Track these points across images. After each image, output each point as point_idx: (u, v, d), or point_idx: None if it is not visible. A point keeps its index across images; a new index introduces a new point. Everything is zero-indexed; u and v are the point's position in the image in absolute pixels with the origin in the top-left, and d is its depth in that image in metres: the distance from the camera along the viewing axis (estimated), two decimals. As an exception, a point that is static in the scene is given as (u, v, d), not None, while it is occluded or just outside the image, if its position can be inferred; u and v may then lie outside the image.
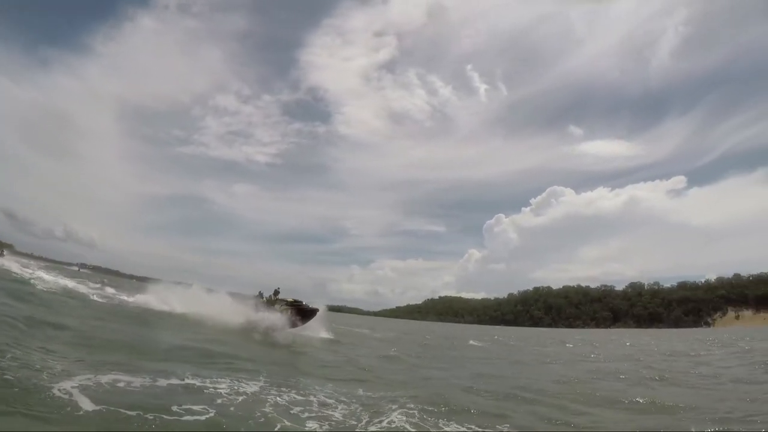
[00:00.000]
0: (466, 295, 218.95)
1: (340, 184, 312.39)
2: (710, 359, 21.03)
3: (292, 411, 7.36)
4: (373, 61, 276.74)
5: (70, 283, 29.83)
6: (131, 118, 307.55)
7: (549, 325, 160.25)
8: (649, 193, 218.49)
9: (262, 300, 24.51)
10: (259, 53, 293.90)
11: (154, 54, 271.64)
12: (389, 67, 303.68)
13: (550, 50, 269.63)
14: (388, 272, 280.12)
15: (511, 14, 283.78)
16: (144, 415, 5.95)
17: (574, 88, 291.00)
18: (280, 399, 7.97)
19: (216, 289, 27.87)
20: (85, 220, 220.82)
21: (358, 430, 6.85)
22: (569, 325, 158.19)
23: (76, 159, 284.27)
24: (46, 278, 28.67)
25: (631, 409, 9.60)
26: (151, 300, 26.08)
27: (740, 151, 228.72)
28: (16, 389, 6.10)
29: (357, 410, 7.86)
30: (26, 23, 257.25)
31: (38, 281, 25.62)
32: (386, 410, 7.88)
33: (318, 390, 9.16)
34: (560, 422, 8.35)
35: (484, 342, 36.39)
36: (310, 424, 6.80)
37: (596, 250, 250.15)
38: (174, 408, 6.45)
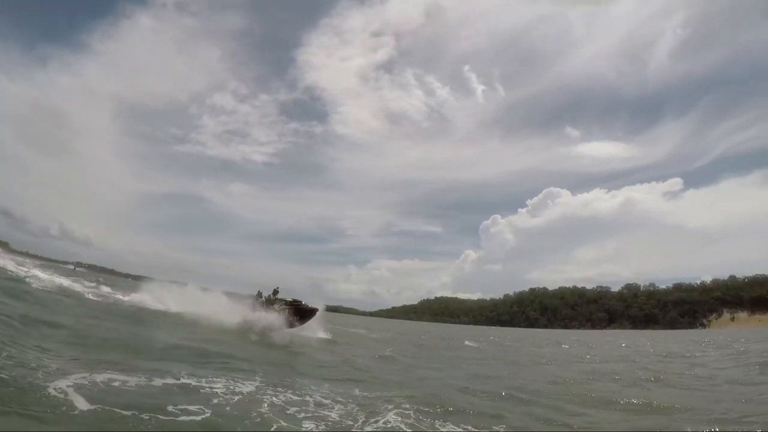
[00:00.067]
0: (462, 295, 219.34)
1: (336, 184, 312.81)
2: (705, 360, 21.14)
3: (288, 411, 7.35)
4: (370, 61, 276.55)
5: (66, 282, 29.63)
6: (128, 116, 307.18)
7: (545, 326, 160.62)
8: (645, 195, 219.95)
9: (261, 299, 24.34)
10: (257, 52, 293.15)
11: (152, 52, 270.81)
12: (387, 67, 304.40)
13: (548, 51, 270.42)
14: (384, 272, 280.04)
15: (510, 15, 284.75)
16: (139, 415, 5.93)
17: (572, 90, 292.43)
18: (276, 399, 7.96)
19: (212, 288, 27.72)
20: (81, 219, 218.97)
21: (354, 430, 6.85)
22: (565, 326, 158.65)
23: (73, 157, 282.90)
24: (42, 277, 28.44)
25: (627, 410, 9.65)
26: (146, 299, 25.93)
27: (736, 153, 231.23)
28: (11, 388, 6.07)
29: (353, 410, 7.86)
30: (24, 21, 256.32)
31: (33, 280, 25.39)
32: (382, 410, 7.88)
33: (314, 390, 9.16)
34: (556, 423, 8.38)
35: (480, 343, 36.44)
36: (307, 425, 6.79)
37: (592, 252, 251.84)
38: (170, 408, 6.42)
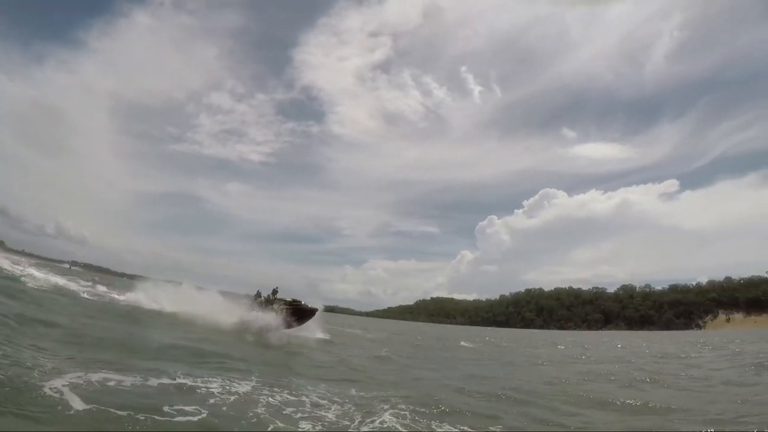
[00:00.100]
0: (458, 296, 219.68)
1: (333, 184, 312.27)
2: (701, 361, 21.23)
3: (284, 411, 7.34)
4: (367, 61, 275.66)
5: (61, 281, 29.47)
6: (125, 115, 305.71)
7: (541, 327, 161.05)
8: (641, 196, 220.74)
9: (261, 299, 24.25)
10: (254, 51, 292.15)
11: (149, 50, 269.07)
12: (384, 67, 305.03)
13: (545, 53, 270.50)
14: (380, 272, 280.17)
15: (507, 16, 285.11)
16: (135, 416, 5.91)
17: (569, 91, 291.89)
18: (273, 399, 7.95)
19: (207, 288, 27.45)
20: (77, 217, 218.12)
21: (350, 430, 6.85)
22: (561, 327, 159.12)
23: (69, 155, 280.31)
24: (37, 275, 28.28)
25: (623, 410, 9.69)
26: (141, 298, 25.81)
27: (733, 155, 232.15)
28: (7, 388, 6.04)
29: (350, 410, 7.86)
30: (21, 18, 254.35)
31: (29, 278, 25.25)
32: (378, 410, 7.89)
33: (311, 390, 9.15)
34: (552, 423, 8.41)
35: (476, 343, 36.45)
36: (303, 425, 6.79)
37: (588, 253, 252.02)
38: (165, 408, 6.40)
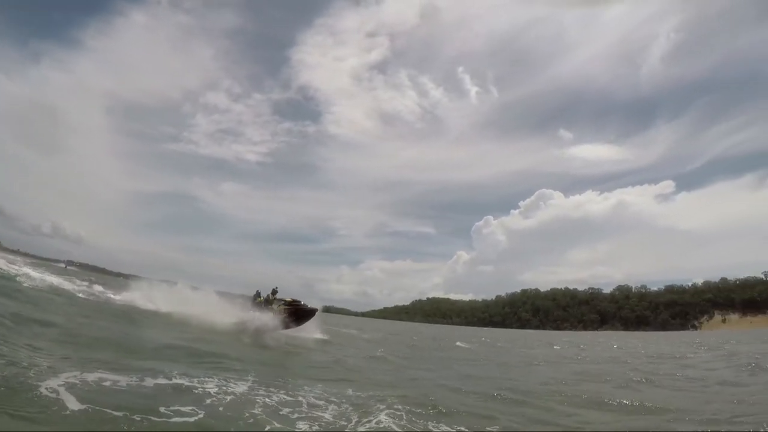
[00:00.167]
0: (454, 296, 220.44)
1: (329, 184, 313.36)
2: (697, 362, 21.34)
3: (281, 412, 7.33)
4: (364, 62, 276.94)
5: (57, 280, 29.27)
6: (121, 114, 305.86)
7: (536, 327, 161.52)
8: (637, 197, 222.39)
9: (260, 299, 24.17)
10: (251, 51, 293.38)
11: (146, 49, 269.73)
12: (381, 67, 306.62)
13: (542, 54, 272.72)
14: (376, 273, 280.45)
15: (504, 17, 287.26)
16: (131, 416, 5.89)
17: (565, 92, 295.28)
18: (269, 400, 7.94)
19: (202, 288, 27.21)
20: (73, 217, 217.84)
21: (347, 431, 6.85)
22: (557, 328, 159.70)
23: (65, 154, 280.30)
24: (33, 275, 28.09)
25: (619, 410, 9.72)
26: (136, 298, 25.74)
27: (728, 156, 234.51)
28: (2, 388, 6.02)
29: (346, 411, 7.86)
30: (17, 17, 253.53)
31: (25, 278, 25.08)
32: (374, 411, 7.89)
33: (307, 390, 9.14)
34: (548, 423, 8.44)
35: (472, 344, 36.45)
36: (300, 425, 6.78)
37: (584, 253, 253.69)
38: (162, 409, 6.37)
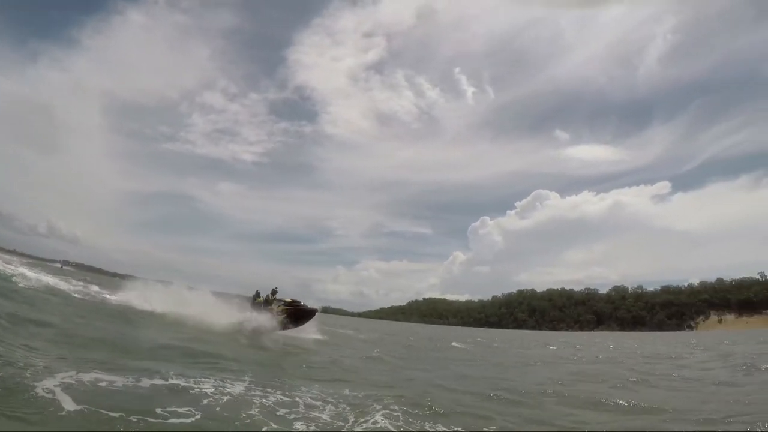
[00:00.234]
0: (451, 296, 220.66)
1: (326, 184, 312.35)
2: (693, 362, 21.42)
3: (278, 412, 7.33)
4: (361, 62, 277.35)
5: (53, 281, 29.12)
6: (118, 114, 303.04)
7: (533, 328, 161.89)
8: (633, 198, 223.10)
9: (259, 300, 24.11)
10: (248, 51, 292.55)
11: (142, 49, 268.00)
12: (377, 67, 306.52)
13: (539, 55, 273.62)
14: (373, 273, 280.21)
15: (501, 18, 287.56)
16: (127, 417, 5.87)
17: (562, 93, 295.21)
18: (266, 400, 7.94)
19: (199, 288, 27.11)
20: (70, 216, 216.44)
21: (344, 431, 6.85)
22: (553, 328, 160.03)
23: (61, 153, 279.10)
24: (29, 275, 27.92)
25: (615, 410, 9.75)
26: (131, 298, 25.66)
27: (724, 157, 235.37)
28: (-2, 388, 6.01)
29: (343, 411, 7.87)
30: (14, 15, 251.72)
31: (21, 278, 24.95)
32: (371, 411, 7.90)
33: (304, 391, 9.15)
34: (544, 423, 8.46)
35: (468, 344, 36.46)
36: (297, 426, 6.78)
37: (580, 254, 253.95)
38: (158, 410, 6.36)
